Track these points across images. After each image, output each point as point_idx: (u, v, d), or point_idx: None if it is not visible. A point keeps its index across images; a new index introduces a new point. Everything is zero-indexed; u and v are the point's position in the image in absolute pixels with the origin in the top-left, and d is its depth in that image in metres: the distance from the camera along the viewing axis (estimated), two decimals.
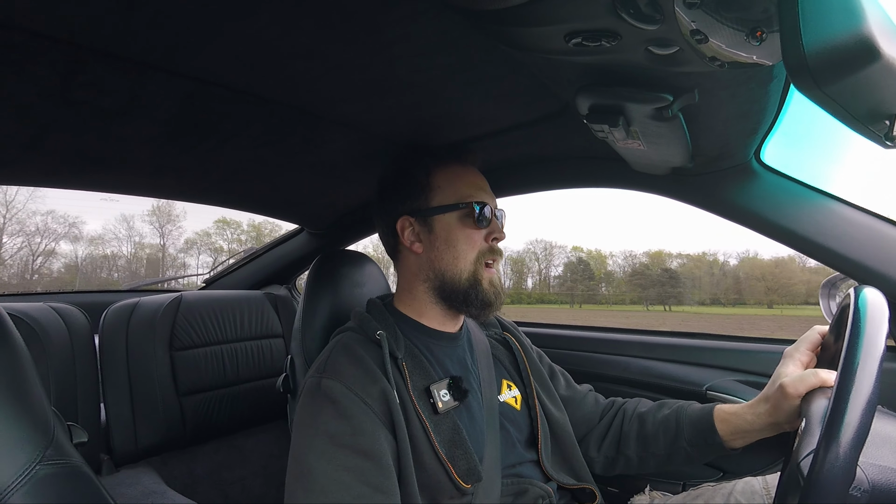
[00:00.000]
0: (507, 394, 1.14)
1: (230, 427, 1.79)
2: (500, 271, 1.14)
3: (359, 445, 0.88)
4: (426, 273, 1.10)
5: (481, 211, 1.08)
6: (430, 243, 1.09)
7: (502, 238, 1.12)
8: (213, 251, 52.61)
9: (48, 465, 0.66)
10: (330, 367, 0.96)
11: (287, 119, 1.15)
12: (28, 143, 1.12)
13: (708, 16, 0.56)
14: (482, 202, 1.09)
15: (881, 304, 0.73)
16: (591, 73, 0.82)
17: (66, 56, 0.82)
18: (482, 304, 1.08)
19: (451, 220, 1.08)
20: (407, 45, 0.86)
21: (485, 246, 1.09)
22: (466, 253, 1.07)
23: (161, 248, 51.69)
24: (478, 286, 1.07)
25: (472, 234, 1.08)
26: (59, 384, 1.35)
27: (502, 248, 1.15)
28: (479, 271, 1.08)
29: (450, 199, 1.09)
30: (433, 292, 1.10)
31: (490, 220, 1.10)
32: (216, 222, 53.98)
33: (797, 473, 0.68)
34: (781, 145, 1.17)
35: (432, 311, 1.11)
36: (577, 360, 1.74)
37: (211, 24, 0.77)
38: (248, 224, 55.16)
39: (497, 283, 1.10)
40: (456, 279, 1.07)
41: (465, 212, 1.08)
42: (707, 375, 1.50)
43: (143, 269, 50.65)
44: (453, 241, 1.08)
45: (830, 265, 1.18)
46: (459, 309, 1.10)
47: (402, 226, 1.12)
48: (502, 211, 1.16)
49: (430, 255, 1.09)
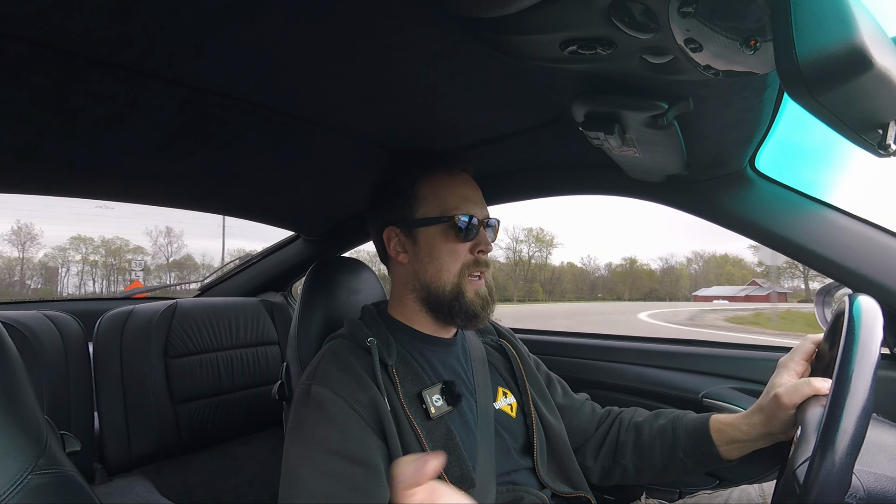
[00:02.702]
0: (503, 401, 1.13)
1: (225, 435, 1.78)
2: (491, 281, 1.12)
3: (347, 451, 0.87)
4: (412, 283, 1.10)
5: (466, 224, 1.06)
6: (415, 255, 1.09)
7: (488, 251, 1.10)
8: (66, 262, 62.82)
9: (40, 475, 0.65)
10: (320, 373, 0.96)
11: (283, 126, 1.15)
12: (23, 150, 1.11)
13: (702, 25, 0.56)
14: (468, 214, 1.07)
15: (875, 311, 0.73)
16: (586, 80, 0.82)
17: (61, 63, 0.82)
18: (467, 315, 1.06)
19: (435, 233, 1.08)
20: (403, 52, 0.86)
21: (469, 258, 1.08)
22: (450, 266, 1.06)
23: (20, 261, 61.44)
24: (461, 298, 1.06)
25: (455, 247, 1.07)
26: (53, 392, 1.34)
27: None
28: (462, 284, 1.06)
29: (434, 212, 1.08)
30: (421, 302, 1.10)
31: (476, 233, 1.08)
32: (71, 239, 62.68)
33: (793, 481, 0.68)
34: (775, 153, 1.17)
35: (423, 318, 1.11)
36: (574, 367, 1.74)
37: (207, 31, 0.77)
38: (100, 239, 63.76)
39: (484, 294, 1.09)
40: (440, 291, 1.07)
41: (448, 225, 1.07)
42: (703, 383, 1.50)
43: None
44: (436, 253, 1.07)
45: (824, 272, 1.19)
46: (445, 320, 1.09)
47: (388, 236, 1.12)
48: (496, 220, 1.14)
49: (416, 267, 1.09)
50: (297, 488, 0.85)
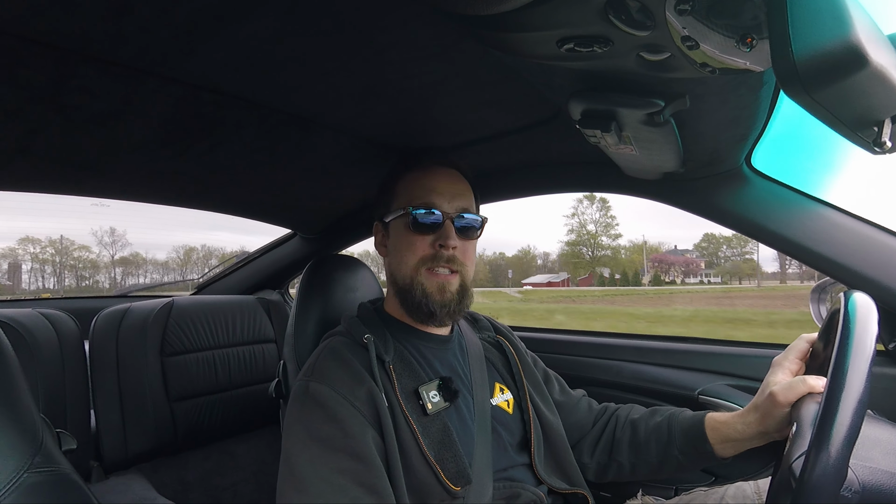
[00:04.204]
0: (500, 397, 1.14)
1: (222, 433, 1.78)
2: (466, 278, 1.09)
3: (350, 448, 0.88)
4: (390, 277, 1.13)
5: (423, 215, 1.05)
6: (389, 249, 1.13)
7: (450, 246, 1.05)
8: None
9: (36, 473, 0.65)
10: (317, 371, 0.96)
11: (280, 124, 1.15)
12: (18, 147, 1.11)
13: (699, 22, 0.56)
14: (426, 206, 1.06)
15: (870, 307, 0.73)
16: (583, 78, 0.82)
17: (57, 61, 0.81)
18: (420, 310, 1.06)
19: (399, 226, 1.09)
20: (399, 50, 0.86)
21: (428, 252, 1.06)
22: (407, 258, 1.07)
23: None
24: (414, 291, 1.05)
25: (413, 239, 1.06)
26: (49, 390, 1.33)
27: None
28: (418, 277, 1.05)
29: (400, 205, 1.09)
30: (396, 296, 1.11)
31: (438, 226, 1.06)
32: (20, 240, 66.44)
33: (789, 476, 0.68)
34: (771, 151, 1.18)
35: (403, 313, 1.12)
36: (570, 365, 1.74)
37: (202, 28, 0.77)
38: (47, 239, 67.21)
39: (450, 290, 1.06)
40: (400, 284, 1.08)
41: (405, 216, 1.07)
42: (699, 380, 1.50)
43: None
44: (399, 246, 1.09)
45: (820, 269, 1.19)
46: (413, 315, 1.09)
47: (375, 231, 1.16)
48: (477, 218, 1.11)
49: (389, 260, 1.12)
50: (304, 487, 0.85)
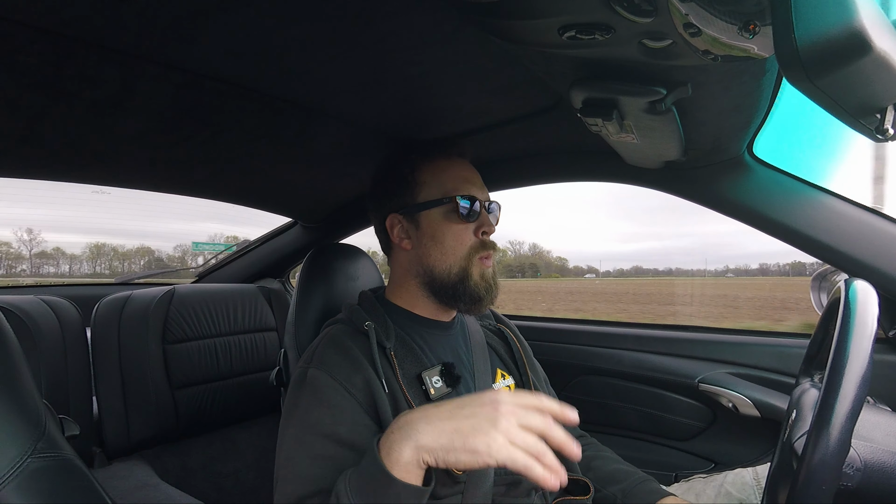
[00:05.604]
0: (502, 383, 1.14)
1: (223, 420, 1.79)
2: (495, 265, 1.13)
3: (337, 434, 0.88)
4: (416, 269, 1.10)
5: (469, 205, 1.07)
6: (418, 240, 1.10)
7: (491, 231, 1.11)
8: None
9: (39, 459, 0.66)
10: (317, 357, 0.97)
11: (280, 112, 1.14)
12: (18, 135, 1.10)
13: (701, 9, 0.56)
14: (470, 196, 1.08)
15: (870, 293, 0.74)
16: (584, 66, 0.82)
17: (57, 48, 0.81)
18: (471, 299, 1.07)
19: (437, 216, 1.08)
20: (400, 38, 0.85)
21: (475, 241, 1.08)
22: (455, 249, 1.07)
23: None
24: (467, 281, 1.06)
25: (459, 229, 1.07)
26: (51, 377, 1.34)
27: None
28: (469, 267, 1.07)
29: (435, 195, 1.09)
30: (424, 287, 1.10)
31: (478, 214, 1.09)
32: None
33: (790, 456, 0.69)
34: (773, 139, 1.17)
35: (424, 303, 1.12)
36: (571, 353, 1.75)
37: (203, 15, 0.77)
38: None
39: (489, 277, 1.09)
40: (445, 275, 1.07)
41: (450, 207, 1.07)
42: (699, 368, 1.51)
43: None
44: (440, 237, 1.07)
45: (821, 258, 1.19)
46: (449, 304, 1.10)
47: (392, 223, 1.12)
48: (496, 203, 1.15)
49: (419, 252, 1.09)
50: (289, 469, 0.87)
